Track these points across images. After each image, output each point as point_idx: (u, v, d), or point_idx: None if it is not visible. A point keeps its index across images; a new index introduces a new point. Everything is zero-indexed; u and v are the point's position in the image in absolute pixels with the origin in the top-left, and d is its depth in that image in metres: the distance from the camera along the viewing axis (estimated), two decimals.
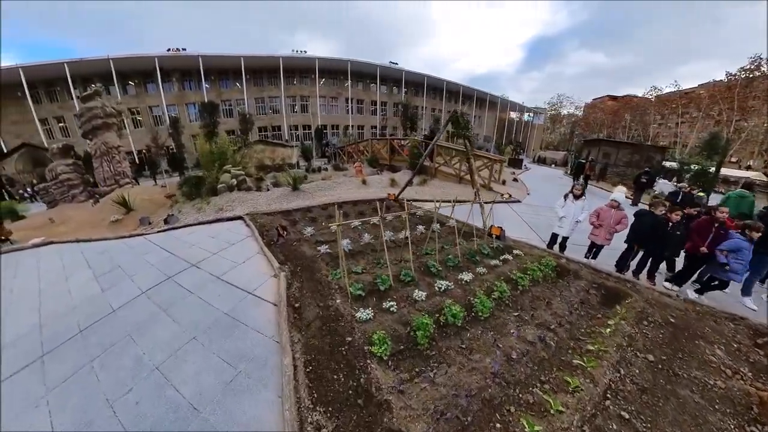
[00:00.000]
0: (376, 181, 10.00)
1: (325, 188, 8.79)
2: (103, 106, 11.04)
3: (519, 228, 7.18)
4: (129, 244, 6.38)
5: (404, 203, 7.80)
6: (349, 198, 7.72)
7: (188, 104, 30.25)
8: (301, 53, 30.75)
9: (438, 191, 9.64)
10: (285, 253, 4.52)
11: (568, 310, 3.90)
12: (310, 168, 12.31)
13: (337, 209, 3.49)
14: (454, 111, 6.95)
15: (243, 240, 5.37)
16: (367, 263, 4.19)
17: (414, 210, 6.32)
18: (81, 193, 11.96)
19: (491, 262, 4.66)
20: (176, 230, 6.65)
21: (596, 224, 5.11)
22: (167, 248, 5.66)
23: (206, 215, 7.15)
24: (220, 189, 8.65)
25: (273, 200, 7.70)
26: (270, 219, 6.08)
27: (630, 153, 20.87)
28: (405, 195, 8.16)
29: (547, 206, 9.48)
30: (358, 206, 6.91)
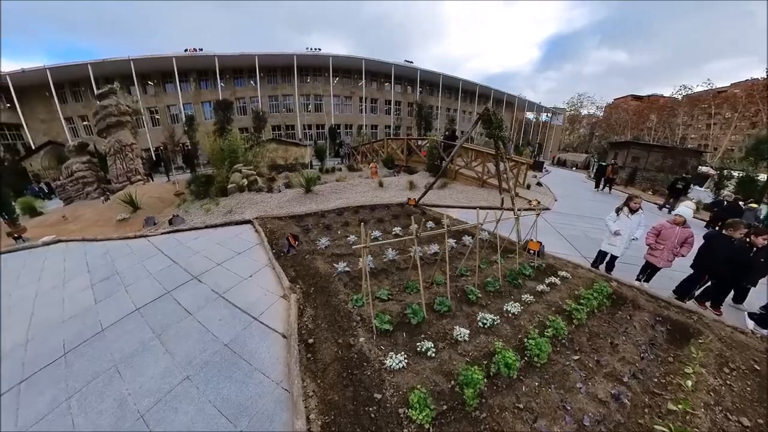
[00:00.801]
0: (393, 183, 9.37)
1: (339, 190, 8.24)
2: (118, 104, 10.89)
3: (554, 241, 6.41)
4: (131, 246, 6.03)
5: (425, 209, 7.19)
6: (365, 202, 7.13)
7: (203, 102, 30.58)
8: (315, 51, 30.46)
9: (460, 196, 8.93)
10: (296, 267, 3.96)
11: (636, 352, 3.17)
12: (324, 168, 11.81)
13: (363, 229, 2.87)
14: (486, 109, 6.25)
15: (250, 249, 4.86)
16: (392, 285, 3.57)
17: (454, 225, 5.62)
18: (95, 191, 11.89)
19: (536, 286, 3.96)
20: (181, 233, 6.24)
21: (655, 245, 4.31)
22: (170, 254, 5.22)
23: (214, 217, 6.72)
24: (230, 189, 8.24)
25: (284, 203, 7.20)
26: (281, 225, 5.55)
27: (662, 157, 19.38)
28: (425, 200, 7.51)
29: (579, 215, 8.64)
30: (376, 212, 6.31)
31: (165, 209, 8.68)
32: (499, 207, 8.35)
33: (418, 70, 34.22)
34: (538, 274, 4.49)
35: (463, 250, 4.75)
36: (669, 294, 4.43)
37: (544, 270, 4.64)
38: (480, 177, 10.69)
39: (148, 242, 6.07)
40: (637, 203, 4.61)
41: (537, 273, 4.46)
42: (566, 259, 5.28)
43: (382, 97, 35.50)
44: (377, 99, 35.35)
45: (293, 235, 4.33)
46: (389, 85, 34.91)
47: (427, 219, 6.09)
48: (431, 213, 6.62)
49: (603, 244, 4.99)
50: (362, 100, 33.80)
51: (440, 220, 5.92)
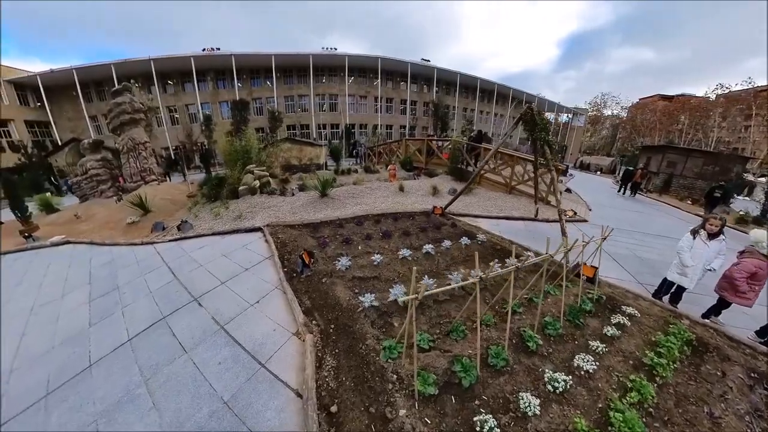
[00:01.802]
0: (414, 187, 8.66)
1: (357, 195, 7.60)
2: (131, 101, 10.69)
3: (602, 262, 5.53)
4: (137, 254, 5.62)
5: (454, 219, 6.44)
6: (386, 209, 6.45)
7: (221, 102, 30.85)
8: (331, 50, 30.11)
9: (488, 203, 8.12)
10: (311, 293, 3.33)
11: (742, 428, 2.36)
12: (339, 169, 11.23)
13: (413, 278, 2.19)
14: (528, 107, 5.46)
15: (259, 264, 4.28)
16: (431, 325, 2.88)
17: (522, 256, 4.87)
18: (109, 189, 11.75)
19: (603, 328, 3.19)
20: (188, 240, 5.78)
21: (745, 287, 3.42)
22: (173, 267, 4.72)
23: (223, 223, 6.22)
24: (241, 191, 7.75)
25: (298, 208, 6.62)
26: (293, 234, 4.95)
27: (702, 163, 17.71)
28: (451, 207, 6.78)
29: (620, 228, 7.69)
30: (400, 222, 5.61)
31: (176, 212, 8.29)
32: (533, 218, 7.52)
33: (435, 69, 33.33)
34: (598, 308, 3.71)
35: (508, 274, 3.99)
36: (750, 336, 3.57)
37: (604, 303, 3.84)
38: (507, 183, 9.84)
39: (154, 250, 5.65)
40: (715, 225, 3.71)
41: (600, 309, 3.67)
42: (622, 287, 4.45)
43: (398, 96, 34.81)
44: (392, 98, 34.69)
45: (308, 251, 3.70)
46: (405, 85, 34.18)
47: (458, 232, 5.35)
48: (461, 224, 5.87)
49: (670, 273, 4.12)
50: (377, 100, 33.22)
51: (475, 235, 5.17)
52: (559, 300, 3.65)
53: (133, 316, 3.66)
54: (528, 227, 6.97)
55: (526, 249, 5.17)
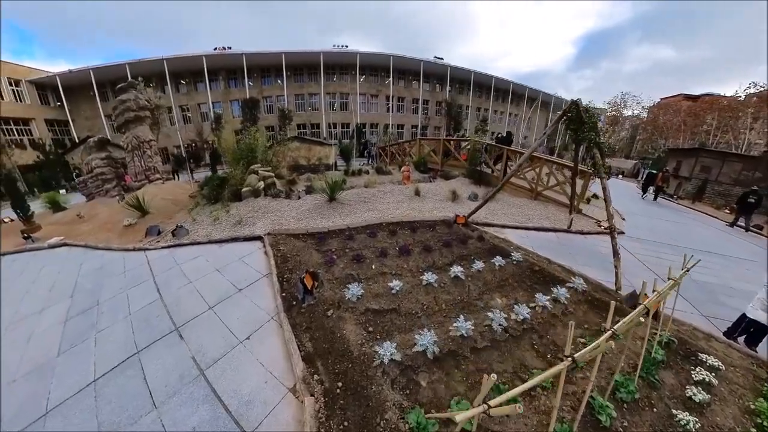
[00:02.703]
0: (430, 191, 7.91)
1: (368, 199, 6.91)
2: (136, 98, 10.33)
3: (650, 282, 4.66)
4: (126, 262, 5.16)
5: (480, 231, 5.65)
6: (401, 216, 5.74)
7: (232, 101, 30.79)
8: (342, 48, 29.56)
9: (514, 211, 7.31)
10: (314, 331, 2.65)
11: None
12: (350, 170, 10.58)
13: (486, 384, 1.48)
14: (572, 103, 4.65)
15: (255, 283, 3.64)
16: (469, 386, 2.15)
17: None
18: (114, 188, 11.45)
19: (687, 390, 2.41)
20: (182, 248, 5.22)
21: None
22: (160, 281, 4.14)
23: (221, 229, 5.63)
24: (244, 193, 7.17)
25: (304, 213, 5.98)
26: (296, 246, 4.30)
27: (740, 167, 16.24)
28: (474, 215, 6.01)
29: (661, 242, 6.78)
30: (419, 233, 4.88)
31: (176, 213, 7.79)
32: (567, 229, 6.67)
33: (448, 67, 32.37)
34: (669, 354, 2.92)
35: (555, 308, 3.22)
36: None
37: (675, 349, 3.04)
38: (533, 187, 8.97)
39: (144, 258, 5.14)
40: None
41: (668, 353, 2.88)
42: (687, 322, 3.61)
43: (410, 95, 34.00)
44: (404, 97, 33.90)
45: (311, 273, 3.03)
46: (417, 83, 33.34)
47: (487, 248, 4.59)
48: (489, 237, 5.10)
49: (753, 309, 3.28)
50: (389, 99, 32.50)
51: (508, 252, 4.39)
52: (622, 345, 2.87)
53: (105, 345, 3.09)
54: (561, 240, 6.14)
55: (569, 271, 4.38)
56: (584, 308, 3.63)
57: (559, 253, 5.22)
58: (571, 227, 6.72)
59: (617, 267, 4.23)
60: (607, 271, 4.67)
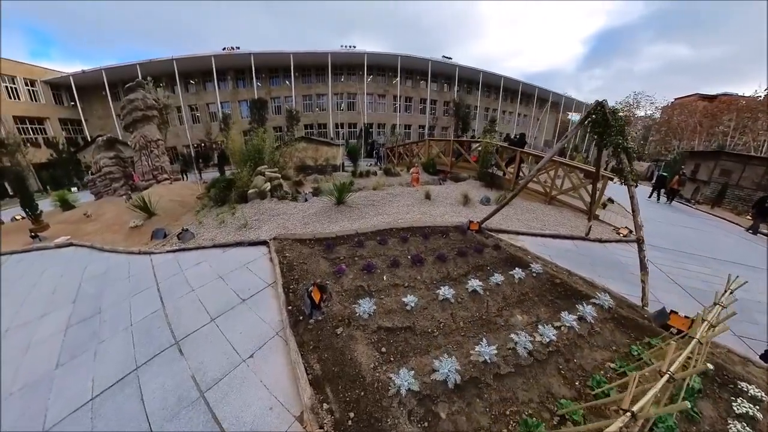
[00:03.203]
0: (441, 194, 7.65)
1: (377, 202, 6.69)
2: (144, 97, 10.32)
3: (680, 300, 4.33)
4: (131, 266, 5.07)
5: (495, 237, 5.37)
6: (412, 221, 5.50)
7: (240, 101, 30.92)
8: (350, 48, 29.44)
9: (528, 216, 7.01)
10: (323, 352, 2.44)
11: None
12: (357, 171, 10.38)
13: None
14: (597, 105, 4.35)
15: (260, 293, 3.45)
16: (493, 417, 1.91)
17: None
18: (122, 187, 11.48)
19: (730, 426, 2.14)
20: (187, 252, 5.09)
21: None
22: (163, 289, 4.00)
23: (226, 232, 5.48)
24: (250, 195, 7.03)
25: (311, 217, 5.80)
26: (303, 253, 4.11)
27: (763, 171, 15.53)
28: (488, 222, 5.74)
29: (682, 251, 6.40)
30: (432, 240, 4.64)
31: (182, 215, 7.69)
32: (584, 237, 6.35)
33: (456, 67, 31.99)
34: (706, 382, 2.64)
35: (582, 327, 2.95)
36: None
37: (712, 377, 2.74)
38: (547, 191, 8.64)
39: (149, 263, 5.03)
40: None
41: (704, 380, 2.59)
42: (722, 343, 3.29)
43: (417, 95, 33.71)
44: (412, 98, 33.62)
45: (318, 286, 2.82)
46: (425, 83, 33.01)
47: (503, 257, 4.33)
48: (505, 246, 4.83)
49: None
50: (396, 99, 32.26)
51: (527, 263, 4.11)
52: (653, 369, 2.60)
53: (104, 359, 2.94)
54: (580, 249, 5.83)
55: (591, 284, 4.10)
56: (610, 327, 3.35)
57: (578, 263, 4.93)
58: (589, 234, 6.40)
59: (644, 282, 3.92)
60: (629, 284, 4.38)
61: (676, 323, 3.34)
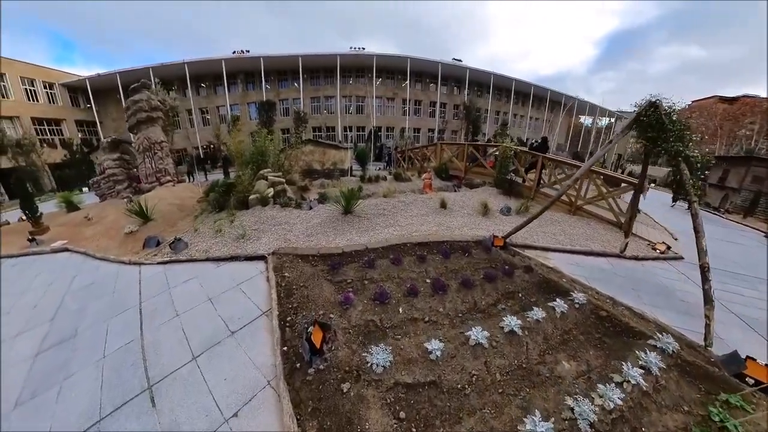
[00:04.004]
0: (457, 203, 7.03)
1: (388, 211, 6.12)
2: (149, 98, 10.05)
3: (739, 332, 3.60)
4: (119, 278, 4.67)
5: (523, 256, 4.73)
6: (428, 235, 4.91)
7: (249, 103, 31.01)
8: (359, 50, 29.14)
9: (553, 229, 6.35)
10: (324, 418, 1.87)
11: None
12: (366, 176, 9.86)
13: None
14: (650, 105, 3.70)
15: (252, 324, 2.91)
16: None
17: None
18: (125, 189, 11.21)
19: None
20: (178, 265, 4.61)
21: None
22: (145, 311, 3.52)
23: (222, 243, 4.98)
24: (251, 201, 6.56)
25: (315, 227, 5.26)
26: (304, 272, 3.57)
27: None
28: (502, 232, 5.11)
29: (728, 270, 5.64)
30: (453, 261, 4.02)
31: (180, 221, 7.28)
32: (619, 254, 5.64)
33: (467, 69, 31.34)
34: None
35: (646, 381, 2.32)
36: None
37: None
38: (573, 200, 7.92)
39: (137, 275, 4.58)
40: None
41: None
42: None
43: (427, 98, 33.18)
44: (421, 101, 33.11)
45: (320, 323, 2.26)
46: (434, 86, 32.46)
47: (537, 281, 3.70)
48: (535, 265, 4.20)
49: None
50: (406, 102, 31.79)
51: (568, 291, 3.48)
52: None
53: (67, 402, 2.46)
54: (616, 268, 5.14)
55: (640, 316, 3.45)
56: (675, 377, 2.70)
57: (619, 287, 4.27)
58: (625, 251, 5.69)
59: (709, 318, 3.24)
60: (681, 314, 3.72)
61: (755, 373, 2.68)
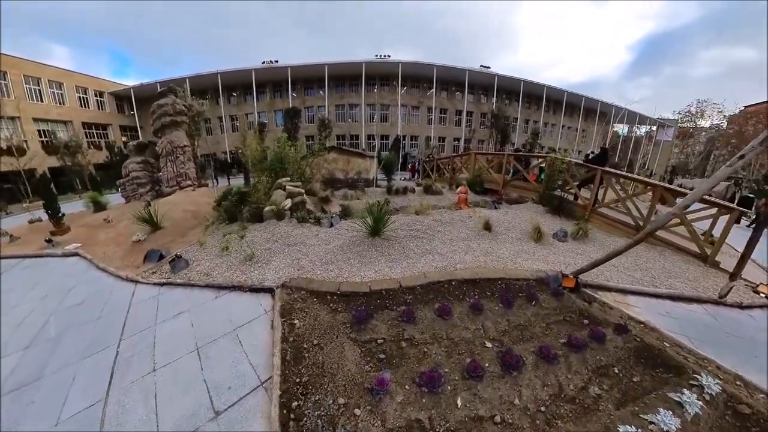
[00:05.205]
0: (501, 223, 5.92)
1: (422, 232, 5.14)
2: (174, 102, 9.90)
3: None
4: (110, 299, 4.10)
5: (594, 298, 3.59)
6: (477, 269, 3.87)
7: (276, 111, 31.74)
8: (385, 58, 28.83)
9: (625, 261, 5.05)
10: None
11: None
12: (393, 187, 8.97)
13: None
14: None
15: (244, 400, 2.04)
16: None
17: None
18: (147, 193, 11.10)
19: None
20: (173, 289, 3.91)
21: None
22: (121, 355, 2.76)
23: (227, 264, 4.22)
24: (266, 214, 5.86)
25: (336, 251, 4.39)
26: (321, 319, 2.68)
27: None
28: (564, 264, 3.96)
29: None
30: (515, 310, 2.97)
31: (190, 230, 6.72)
32: (717, 300, 4.29)
33: (495, 76, 30.11)
34: None
35: None
36: None
37: None
38: (640, 224, 6.54)
39: (130, 296, 3.95)
40: None
41: None
42: None
43: (453, 107, 32.20)
44: (447, 109, 32.18)
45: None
46: (461, 94, 31.47)
47: (638, 348, 2.57)
48: (624, 318, 3.06)
49: None
50: (431, 110, 30.99)
51: (681, 366, 2.33)
52: None
53: None
54: (720, 322, 3.80)
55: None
56: None
57: (737, 352, 3.03)
58: (726, 297, 4.31)
59: None
60: None
61: None
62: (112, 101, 30.62)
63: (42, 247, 7.30)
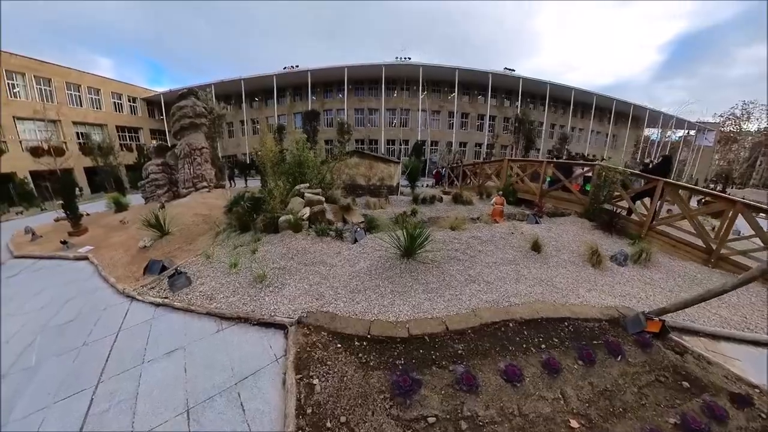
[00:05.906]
0: (548, 241, 5.04)
1: (462, 253, 4.37)
2: (194, 105, 9.72)
3: None
4: (102, 319, 3.61)
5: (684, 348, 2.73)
6: (535, 307, 3.10)
7: (295, 114, 31.99)
8: (405, 60, 28.31)
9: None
10: None
11: None
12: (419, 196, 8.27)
13: None
14: None
15: None
16: None
17: None
18: (164, 194, 10.99)
19: None
20: (168, 315, 3.38)
21: None
22: (97, 403, 2.19)
23: (234, 285, 3.65)
24: (281, 224, 5.30)
25: (362, 276, 3.72)
26: (347, 379, 2.02)
27: None
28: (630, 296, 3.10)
29: None
30: (597, 369, 2.19)
31: (199, 237, 6.27)
32: None
33: (519, 79, 28.91)
34: None
35: None
36: None
37: None
38: (711, 246, 5.46)
39: (123, 317, 3.47)
40: None
41: None
42: None
43: (475, 111, 31.18)
44: (468, 113, 31.19)
45: None
46: (483, 98, 30.44)
47: (757, 426, 1.72)
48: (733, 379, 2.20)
49: None
50: (452, 115, 30.12)
51: None
52: None
53: None
54: None
55: None
56: None
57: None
58: None
59: None
60: None
61: None
62: (144, 106, 32.44)
63: (57, 248, 7.16)
